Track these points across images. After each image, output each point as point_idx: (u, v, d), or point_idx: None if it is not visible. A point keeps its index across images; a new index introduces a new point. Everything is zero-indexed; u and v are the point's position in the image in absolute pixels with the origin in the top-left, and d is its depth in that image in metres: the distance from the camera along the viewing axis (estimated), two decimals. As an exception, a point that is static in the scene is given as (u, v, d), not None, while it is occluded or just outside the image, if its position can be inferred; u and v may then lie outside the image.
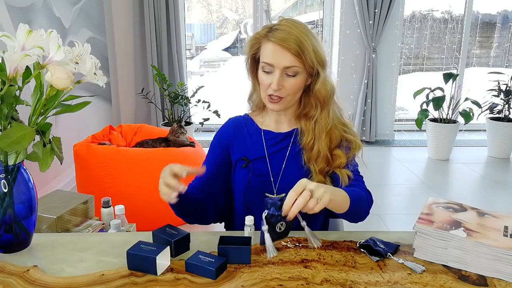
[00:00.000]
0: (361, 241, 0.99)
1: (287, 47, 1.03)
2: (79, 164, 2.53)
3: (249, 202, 1.17)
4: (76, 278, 0.85)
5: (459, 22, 4.82)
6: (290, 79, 1.07)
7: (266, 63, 1.07)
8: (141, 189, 2.42)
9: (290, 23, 1.06)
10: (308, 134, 1.14)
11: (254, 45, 1.11)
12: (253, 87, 1.21)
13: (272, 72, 1.08)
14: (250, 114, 1.25)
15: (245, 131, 1.21)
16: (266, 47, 1.07)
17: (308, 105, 1.15)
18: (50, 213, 1.31)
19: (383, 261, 0.93)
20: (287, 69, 1.06)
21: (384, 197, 3.18)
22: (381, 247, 0.96)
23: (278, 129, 1.19)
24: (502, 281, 0.86)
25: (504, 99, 4.01)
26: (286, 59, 1.05)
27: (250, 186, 1.16)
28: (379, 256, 0.94)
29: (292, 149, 1.17)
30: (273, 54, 1.05)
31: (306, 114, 1.16)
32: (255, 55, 1.13)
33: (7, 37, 0.79)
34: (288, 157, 1.17)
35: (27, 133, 0.82)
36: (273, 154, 1.17)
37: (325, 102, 1.13)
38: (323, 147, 1.12)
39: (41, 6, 2.69)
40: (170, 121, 4.03)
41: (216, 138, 1.24)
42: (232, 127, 1.22)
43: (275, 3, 5.38)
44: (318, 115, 1.13)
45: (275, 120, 1.20)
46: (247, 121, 1.22)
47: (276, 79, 1.06)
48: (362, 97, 4.38)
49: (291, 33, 1.04)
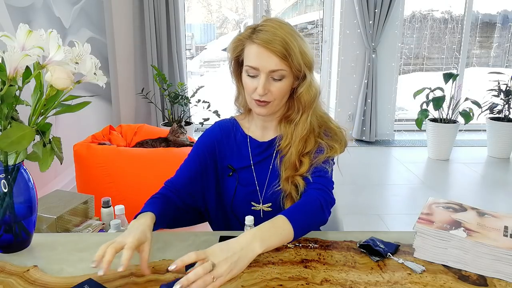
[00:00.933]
0: (361, 241, 0.99)
1: (273, 49, 0.97)
2: (79, 164, 2.53)
3: (236, 211, 1.15)
4: (76, 278, 0.85)
5: (459, 22, 4.82)
6: (276, 83, 1.02)
7: (250, 67, 1.01)
8: (141, 189, 2.41)
9: (274, 24, 1.00)
10: (286, 138, 1.09)
11: (237, 47, 1.05)
12: (237, 90, 1.16)
13: (257, 76, 1.02)
14: (236, 118, 1.20)
15: (232, 137, 1.16)
16: (250, 49, 1.01)
17: (291, 108, 1.10)
18: (50, 213, 1.31)
19: (383, 261, 0.93)
20: (272, 73, 1.00)
21: (384, 197, 3.18)
22: (381, 247, 0.96)
23: (263, 137, 1.15)
24: (502, 281, 0.86)
25: (504, 99, 4.01)
26: (272, 62, 0.99)
27: (236, 196, 1.13)
28: (379, 256, 0.94)
29: (276, 157, 1.13)
30: (257, 57, 0.99)
31: (287, 117, 1.11)
32: (238, 58, 1.07)
33: (7, 37, 0.79)
34: (273, 166, 1.13)
35: (27, 133, 0.82)
36: (259, 163, 1.14)
37: (306, 106, 1.07)
38: (293, 152, 1.07)
39: (41, 6, 2.69)
40: (170, 121, 4.03)
41: (202, 139, 1.18)
42: (220, 131, 1.18)
43: (275, 3, 5.38)
44: (298, 119, 1.08)
45: (261, 127, 1.15)
46: (233, 126, 1.18)
47: (261, 83, 1.00)
48: (362, 97, 4.38)
49: (276, 34, 0.98)
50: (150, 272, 0.86)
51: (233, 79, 1.14)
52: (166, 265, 0.90)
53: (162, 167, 2.40)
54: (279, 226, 0.88)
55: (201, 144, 1.17)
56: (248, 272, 0.88)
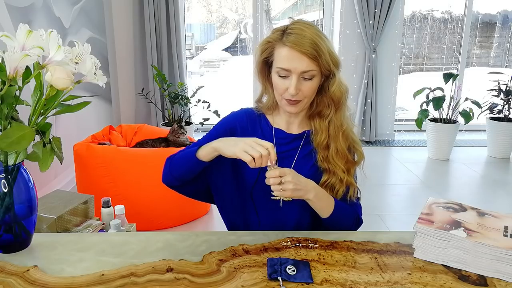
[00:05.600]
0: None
1: (304, 52, 1.02)
2: (79, 164, 2.53)
3: (255, 198, 1.16)
4: (76, 278, 0.85)
5: (459, 22, 4.82)
6: (307, 83, 1.06)
7: (282, 68, 1.05)
8: (141, 189, 2.42)
9: (302, 26, 1.04)
10: (322, 133, 1.13)
11: (266, 50, 1.10)
12: (263, 89, 1.19)
13: (288, 77, 1.06)
14: (263, 111, 1.22)
15: (258, 126, 1.19)
16: (281, 51, 1.05)
17: (321, 104, 1.14)
18: (50, 213, 1.31)
19: (383, 261, 0.93)
20: (304, 73, 1.05)
21: (384, 197, 3.18)
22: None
23: (289, 130, 1.19)
24: (502, 281, 0.86)
25: (504, 99, 4.01)
26: (303, 64, 1.03)
27: (258, 182, 1.14)
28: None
29: (302, 150, 1.16)
30: (289, 59, 1.03)
31: (319, 113, 1.15)
32: (267, 59, 1.12)
33: (7, 37, 0.79)
34: (298, 158, 1.16)
35: (27, 133, 0.82)
36: (283, 153, 1.16)
37: (340, 102, 1.12)
38: (341, 146, 1.12)
39: (41, 6, 2.69)
40: (170, 121, 4.03)
41: (227, 119, 1.21)
42: (246, 117, 1.20)
43: (275, 3, 5.38)
44: (332, 115, 1.13)
45: (286, 121, 1.19)
46: (260, 117, 1.21)
47: (293, 84, 1.04)
48: (362, 97, 4.38)
49: (305, 36, 1.02)
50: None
51: (258, 79, 1.18)
52: (166, 265, 0.90)
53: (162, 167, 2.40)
54: (328, 204, 1.09)
55: (225, 123, 1.20)
56: (248, 272, 0.88)
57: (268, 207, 1.14)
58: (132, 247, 0.98)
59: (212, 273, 0.88)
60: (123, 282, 0.84)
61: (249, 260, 0.93)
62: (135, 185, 2.42)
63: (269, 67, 1.13)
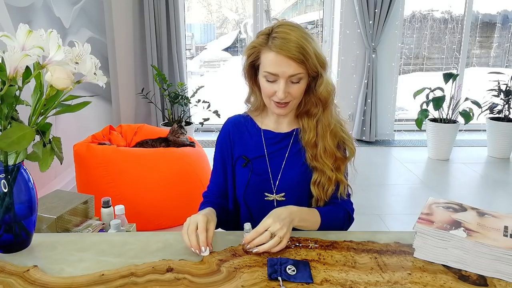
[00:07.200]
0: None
1: (291, 56, 1.01)
2: (79, 164, 2.53)
3: (248, 200, 1.18)
4: (76, 278, 0.85)
5: (459, 22, 4.82)
6: (294, 85, 1.07)
7: (270, 73, 1.05)
8: (141, 189, 2.42)
9: (287, 29, 1.03)
10: (310, 132, 1.14)
11: (252, 54, 1.10)
12: (250, 91, 1.20)
13: (275, 81, 1.06)
14: (250, 114, 1.24)
15: (245, 130, 1.21)
16: (267, 56, 1.05)
17: (309, 104, 1.15)
18: (50, 213, 1.31)
19: (383, 261, 0.93)
20: (291, 77, 1.05)
21: (384, 197, 3.18)
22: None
23: (278, 129, 1.20)
24: (502, 281, 0.86)
25: (504, 99, 4.01)
26: (291, 68, 1.03)
27: (250, 185, 1.16)
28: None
29: (292, 148, 1.18)
30: (276, 64, 1.03)
31: (307, 112, 1.16)
32: (253, 63, 1.12)
33: (7, 37, 0.79)
34: (288, 157, 1.17)
35: (27, 133, 0.82)
36: (273, 153, 1.18)
37: (327, 102, 1.13)
38: (329, 145, 1.13)
39: (41, 6, 2.69)
40: (170, 121, 4.03)
41: (219, 139, 1.25)
42: (231, 126, 1.23)
43: (275, 3, 5.38)
44: (320, 114, 1.14)
45: (275, 121, 1.20)
46: (247, 121, 1.23)
47: (282, 88, 1.05)
48: (362, 97, 4.38)
49: (291, 40, 1.01)
50: (212, 249, 0.97)
51: (246, 82, 1.18)
52: (166, 265, 0.90)
53: (162, 167, 2.40)
54: (314, 221, 1.07)
55: (219, 144, 1.24)
56: (248, 272, 0.88)
57: (262, 209, 1.14)
58: (132, 247, 0.98)
59: (212, 273, 0.88)
60: (123, 282, 0.84)
61: (249, 260, 0.93)
62: (135, 185, 2.42)
63: (255, 70, 1.13)
